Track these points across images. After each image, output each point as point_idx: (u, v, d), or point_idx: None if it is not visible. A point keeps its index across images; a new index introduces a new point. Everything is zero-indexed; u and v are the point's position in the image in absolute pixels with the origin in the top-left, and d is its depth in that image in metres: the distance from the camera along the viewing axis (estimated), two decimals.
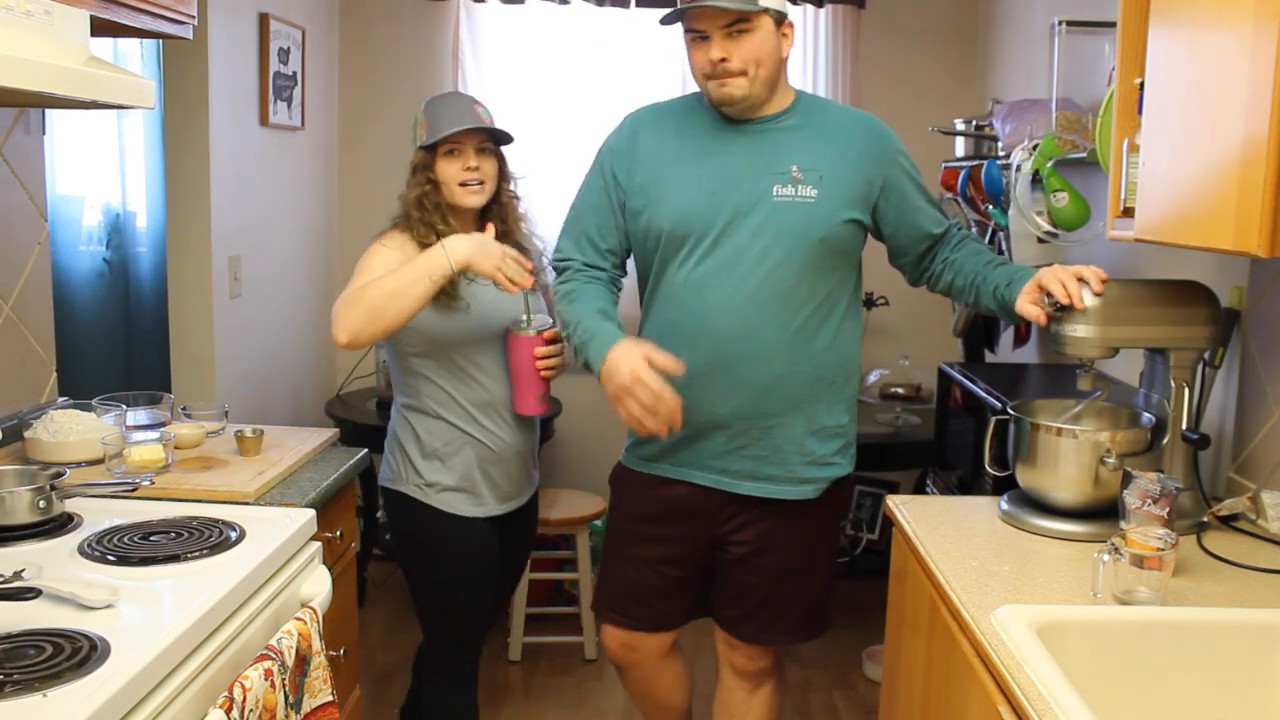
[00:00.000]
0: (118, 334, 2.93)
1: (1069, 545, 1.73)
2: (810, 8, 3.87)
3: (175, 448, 2.06)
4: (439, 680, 2.25)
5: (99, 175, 2.82)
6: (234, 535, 1.65)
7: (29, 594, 1.38)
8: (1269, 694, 1.40)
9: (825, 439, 2.03)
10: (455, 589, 2.18)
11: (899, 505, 1.93)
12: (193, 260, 3.05)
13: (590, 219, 2.06)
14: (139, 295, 3.01)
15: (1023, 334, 3.25)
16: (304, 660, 1.53)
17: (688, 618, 2.20)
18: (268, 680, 1.39)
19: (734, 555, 2.09)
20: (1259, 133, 1.33)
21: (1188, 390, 1.80)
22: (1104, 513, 1.74)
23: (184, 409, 2.30)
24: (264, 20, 3.32)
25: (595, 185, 2.07)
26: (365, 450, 2.27)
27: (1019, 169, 2.51)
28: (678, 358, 1.88)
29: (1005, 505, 1.86)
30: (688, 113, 2.05)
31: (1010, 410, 1.89)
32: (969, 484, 2.63)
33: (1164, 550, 1.46)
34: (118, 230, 2.89)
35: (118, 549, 1.58)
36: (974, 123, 3.12)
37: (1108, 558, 1.49)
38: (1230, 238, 1.39)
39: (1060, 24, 2.64)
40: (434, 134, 2.10)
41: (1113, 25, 1.86)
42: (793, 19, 1.99)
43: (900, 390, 3.63)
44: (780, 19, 1.93)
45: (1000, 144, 2.83)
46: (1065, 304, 1.76)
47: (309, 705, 1.56)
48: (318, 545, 1.81)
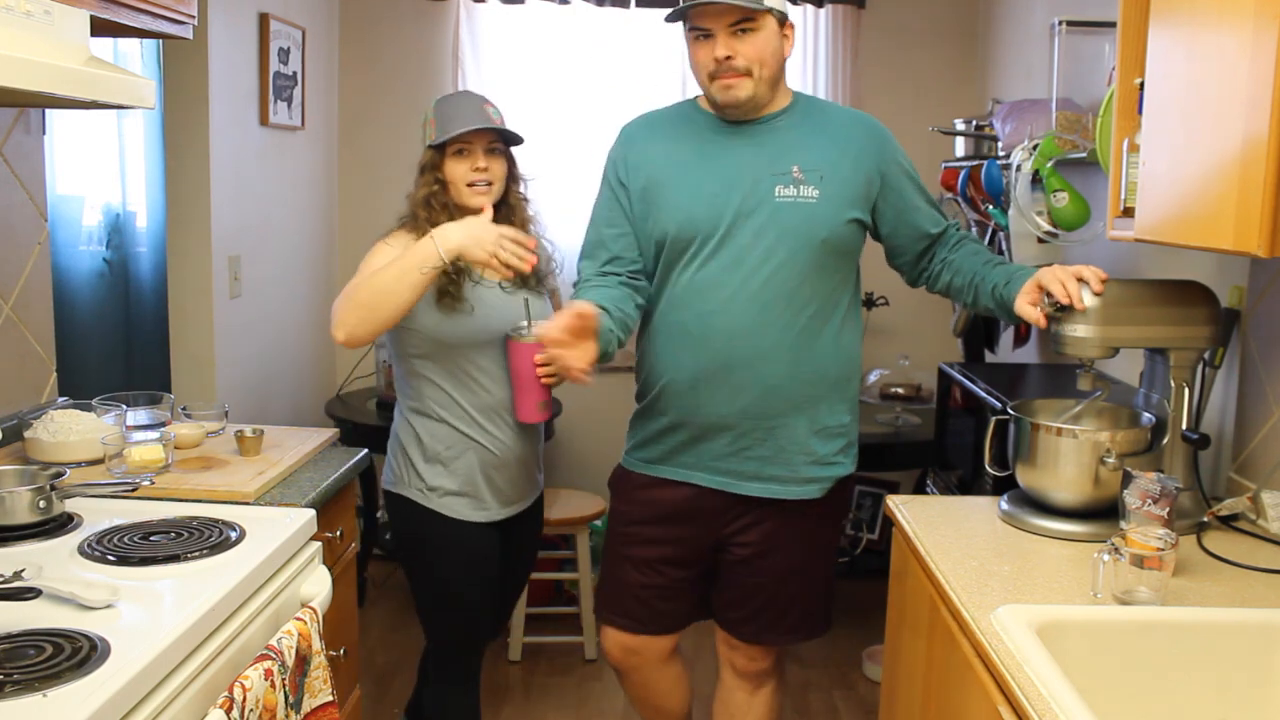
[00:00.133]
0: (118, 334, 2.93)
1: (1069, 545, 1.73)
2: (810, 8, 3.87)
3: (175, 448, 2.06)
4: (440, 682, 2.25)
5: (99, 175, 2.82)
6: (234, 535, 1.65)
7: (29, 594, 1.38)
8: (1269, 694, 1.40)
9: (828, 438, 2.03)
10: (456, 592, 2.17)
11: (899, 505, 1.93)
12: (193, 260, 3.05)
13: (605, 229, 2.06)
14: (139, 295, 3.01)
15: (1023, 334, 3.25)
16: (304, 660, 1.53)
17: (690, 620, 2.20)
18: (268, 680, 1.39)
19: (737, 557, 2.09)
20: (1259, 133, 1.33)
21: (1188, 390, 1.80)
22: (1104, 513, 1.74)
23: (184, 409, 2.30)
24: (264, 20, 3.32)
25: (605, 196, 2.08)
26: (365, 450, 2.27)
27: (1019, 169, 2.51)
28: (683, 359, 1.96)
29: (1005, 505, 1.86)
30: (682, 118, 2.06)
31: (1010, 410, 1.89)
32: (969, 484, 2.63)
33: (1164, 550, 1.46)
34: (118, 230, 2.89)
35: (118, 549, 1.58)
36: (974, 123, 3.13)
37: (1108, 558, 1.49)
38: (1230, 238, 1.39)
39: (1060, 24, 2.64)
40: (443, 133, 2.08)
41: (1113, 25, 1.86)
42: (793, 19, 1.99)
43: (900, 390, 3.63)
44: (783, 19, 1.94)
45: (1000, 144, 2.83)
46: (1065, 304, 1.76)
47: (309, 705, 1.56)
48: (318, 545, 1.81)
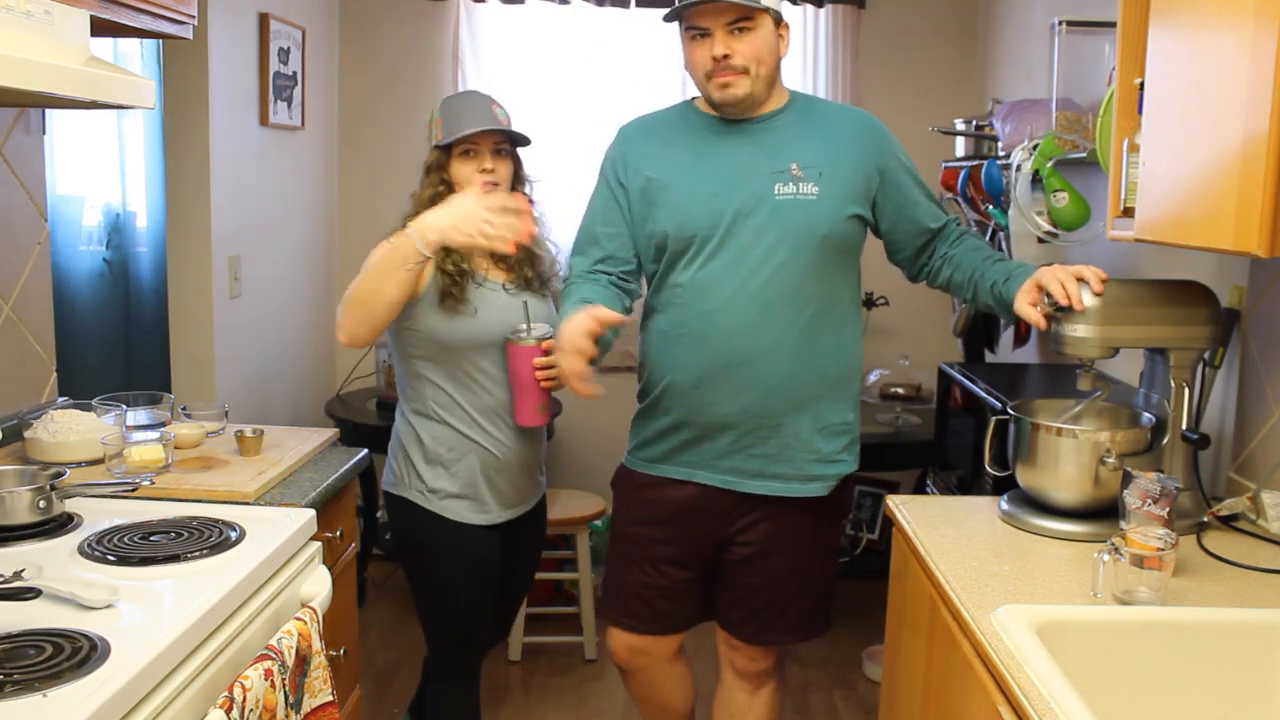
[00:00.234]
0: (118, 334, 2.92)
1: (1069, 545, 1.73)
2: (810, 8, 3.87)
3: (175, 448, 2.06)
4: (440, 682, 2.25)
5: (99, 175, 2.82)
6: (234, 535, 1.65)
7: (29, 594, 1.38)
8: (1269, 694, 1.40)
9: (832, 436, 2.03)
10: (457, 594, 2.17)
11: (899, 505, 1.93)
12: (193, 260, 3.05)
13: (600, 228, 2.06)
14: (139, 295, 3.01)
15: (1023, 334, 3.25)
16: (304, 660, 1.53)
17: (695, 620, 2.19)
18: (268, 680, 1.39)
19: (738, 556, 2.09)
20: (1259, 133, 1.33)
21: (1188, 390, 1.80)
22: (1104, 513, 1.74)
23: (184, 409, 2.30)
24: (264, 20, 3.32)
25: (602, 195, 2.08)
26: (365, 450, 2.27)
27: (1019, 169, 2.51)
28: (686, 359, 1.97)
29: (1005, 505, 1.86)
30: (679, 120, 2.06)
31: (1010, 410, 1.89)
32: (969, 484, 2.63)
33: (1164, 550, 1.46)
34: (118, 230, 2.89)
35: (118, 549, 1.58)
36: (974, 123, 3.13)
37: (1108, 558, 1.49)
38: (1230, 238, 1.39)
39: (1060, 24, 2.64)
40: (449, 133, 2.06)
41: (1113, 25, 1.86)
42: (793, 19, 2.00)
43: (900, 390, 3.63)
44: (778, 19, 1.95)
45: (1000, 144, 2.83)
46: (1064, 304, 1.76)
47: (309, 705, 1.56)
48: (318, 545, 1.81)
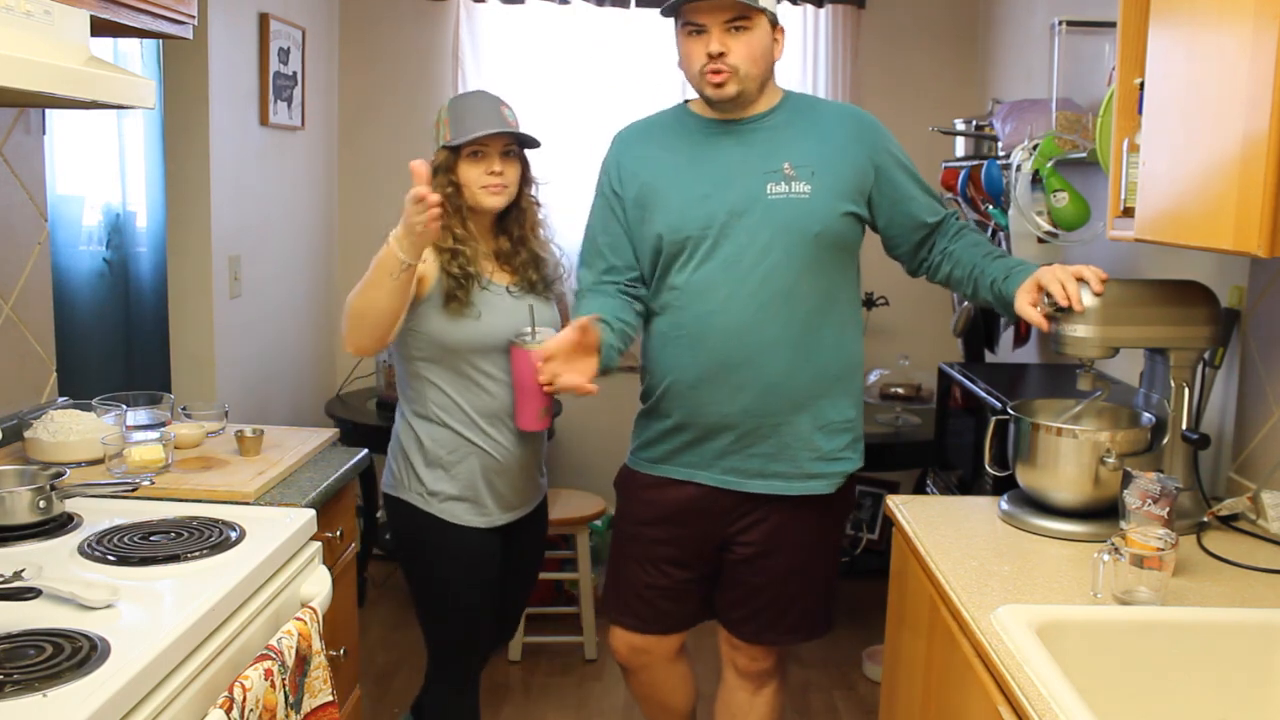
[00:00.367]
0: (118, 334, 2.93)
1: (1069, 545, 1.73)
2: (810, 8, 3.87)
3: (175, 448, 2.06)
4: (439, 683, 2.24)
5: (99, 175, 2.82)
6: (234, 535, 1.65)
7: (29, 594, 1.38)
8: (1269, 694, 1.40)
9: (833, 434, 2.03)
10: (456, 596, 2.16)
11: (899, 505, 1.93)
12: (193, 260, 3.05)
13: (601, 237, 2.09)
14: (139, 295, 3.01)
15: (1023, 334, 3.25)
16: (304, 660, 1.53)
17: (696, 620, 2.20)
18: (268, 680, 1.39)
19: (740, 556, 2.09)
20: (1259, 133, 1.33)
21: (1188, 390, 1.80)
22: (1104, 513, 1.74)
23: (184, 409, 2.30)
24: (264, 20, 3.32)
25: (600, 206, 2.11)
26: (365, 450, 2.27)
27: (1019, 169, 2.51)
28: (685, 360, 1.99)
29: (1005, 505, 1.86)
30: (673, 123, 2.08)
31: (1010, 410, 1.89)
32: (969, 484, 2.63)
33: (1164, 550, 1.46)
34: (118, 230, 2.89)
35: (118, 549, 1.58)
36: (974, 123, 3.12)
37: (1108, 558, 1.49)
38: (1230, 238, 1.39)
39: (1060, 24, 2.64)
40: (458, 135, 2.05)
41: (1113, 25, 1.86)
42: (793, 19, 2.00)
43: (900, 390, 3.63)
44: (774, 22, 1.96)
45: (1000, 144, 2.83)
46: (1064, 304, 1.76)
47: (309, 705, 1.56)
48: (318, 545, 1.81)
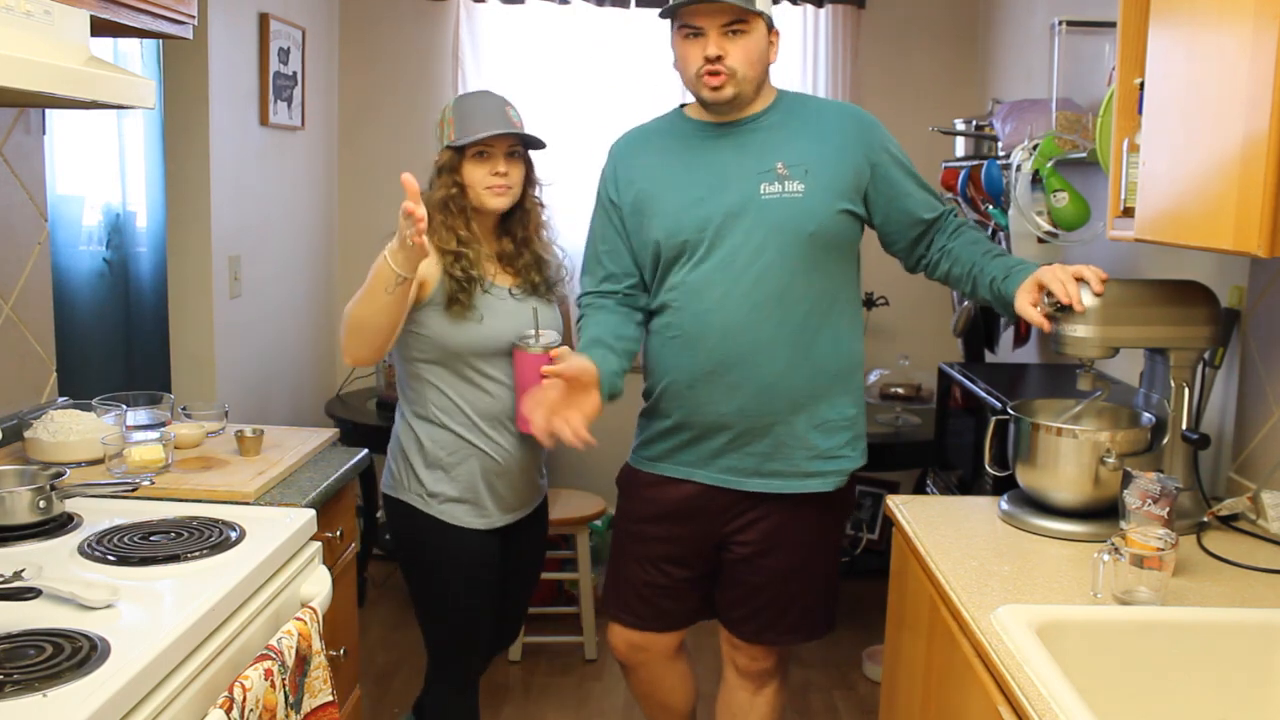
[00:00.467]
0: (118, 334, 2.93)
1: (1069, 545, 1.73)
2: (810, 8, 3.87)
3: (175, 448, 2.06)
4: (439, 683, 2.24)
5: (99, 175, 2.82)
6: (234, 535, 1.65)
7: (29, 594, 1.38)
8: (1269, 694, 1.40)
9: (830, 432, 2.03)
10: (455, 597, 2.16)
11: (899, 505, 1.93)
12: (193, 260, 3.05)
13: (601, 247, 2.12)
14: (139, 295, 3.01)
15: (1023, 334, 3.25)
16: (304, 660, 1.53)
17: (694, 618, 2.20)
18: (268, 680, 1.39)
19: (738, 555, 2.09)
20: (1259, 133, 1.33)
21: (1188, 390, 1.80)
22: (1104, 513, 1.74)
23: (184, 409, 2.30)
24: (264, 20, 3.32)
25: (599, 215, 2.14)
26: (365, 450, 2.27)
27: (1019, 169, 2.51)
28: (682, 360, 2.00)
29: (1005, 505, 1.86)
30: (669, 128, 2.09)
31: (1010, 410, 1.89)
32: (969, 484, 2.63)
33: (1164, 550, 1.46)
34: (118, 230, 2.89)
35: (118, 549, 1.58)
36: (974, 123, 3.12)
37: (1108, 558, 1.49)
38: (1230, 238, 1.39)
39: (1060, 24, 2.64)
40: (463, 135, 2.03)
41: (1113, 25, 1.86)
42: (793, 19, 2.01)
43: (900, 390, 3.63)
44: (770, 25, 1.97)
45: (1000, 144, 2.82)
46: (1065, 304, 1.76)
47: (309, 705, 1.56)
48: (318, 545, 1.81)
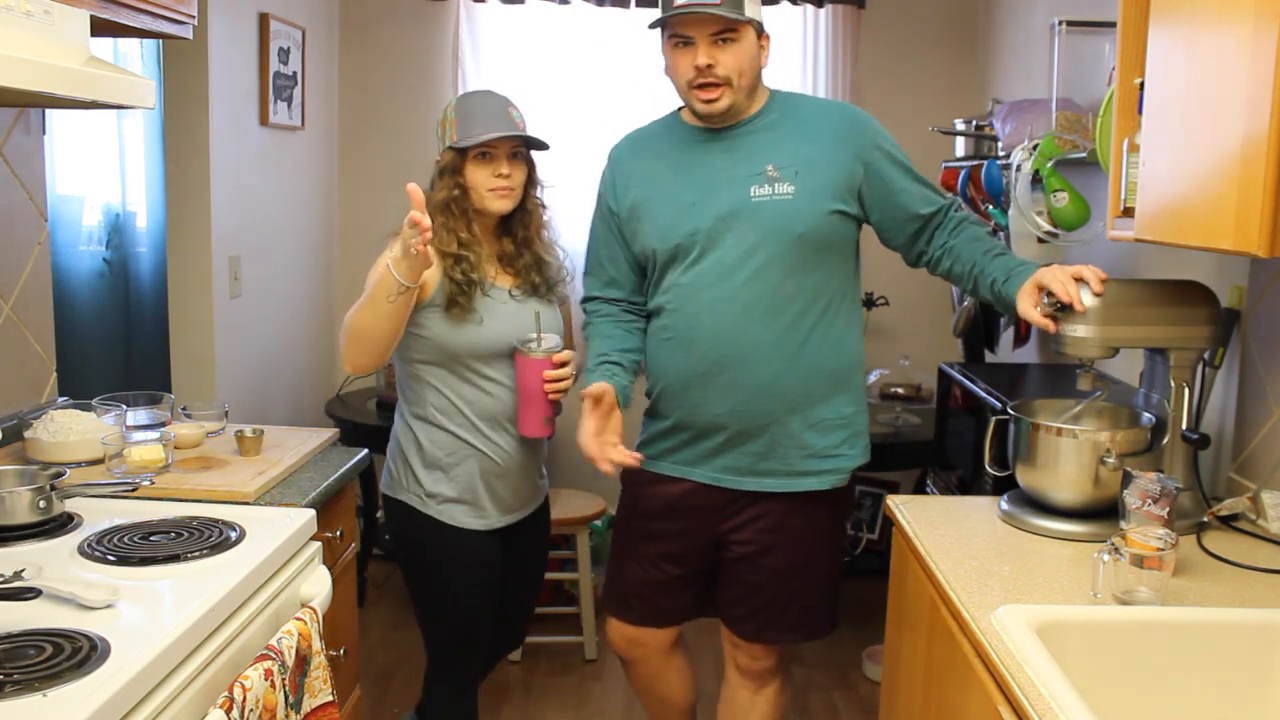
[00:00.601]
0: (118, 334, 2.93)
1: (1069, 545, 1.73)
2: (810, 8, 3.87)
3: (175, 448, 2.06)
4: (439, 684, 2.24)
5: (99, 175, 2.82)
6: (234, 535, 1.65)
7: (29, 594, 1.38)
8: (1269, 694, 1.40)
9: (826, 431, 2.03)
10: (454, 597, 2.16)
11: (899, 505, 1.93)
12: (193, 260, 3.05)
13: (602, 252, 2.16)
14: (139, 295, 3.01)
15: (1023, 334, 3.25)
16: (304, 660, 1.53)
17: (691, 615, 2.22)
18: (268, 680, 1.39)
19: (737, 554, 2.10)
20: (1259, 133, 1.33)
21: (1188, 390, 1.80)
22: (1104, 513, 1.74)
23: (184, 409, 2.30)
24: (264, 20, 3.32)
25: (598, 222, 2.17)
26: (365, 450, 2.27)
27: (1019, 169, 2.51)
28: (678, 362, 2.03)
29: (1005, 505, 1.86)
30: (664, 132, 2.11)
31: (1010, 410, 1.89)
32: (969, 484, 2.63)
33: (1164, 550, 1.46)
34: (118, 230, 2.89)
35: (118, 549, 1.58)
36: (974, 123, 3.12)
37: (1108, 558, 1.49)
38: (1230, 238, 1.39)
39: (1060, 24, 2.64)
40: (466, 136, 2.02)
41: (1113, 25, 1.86)
42: (792, 19, 2.01)
43: (900, 390, 3.64)
44: (760, 31, 1.98)
45: (1000, 144, 2.82)
46: (1065, 304, 1.76)
47: (309, 705, 1.56)
48: (318, 545, 1.81)
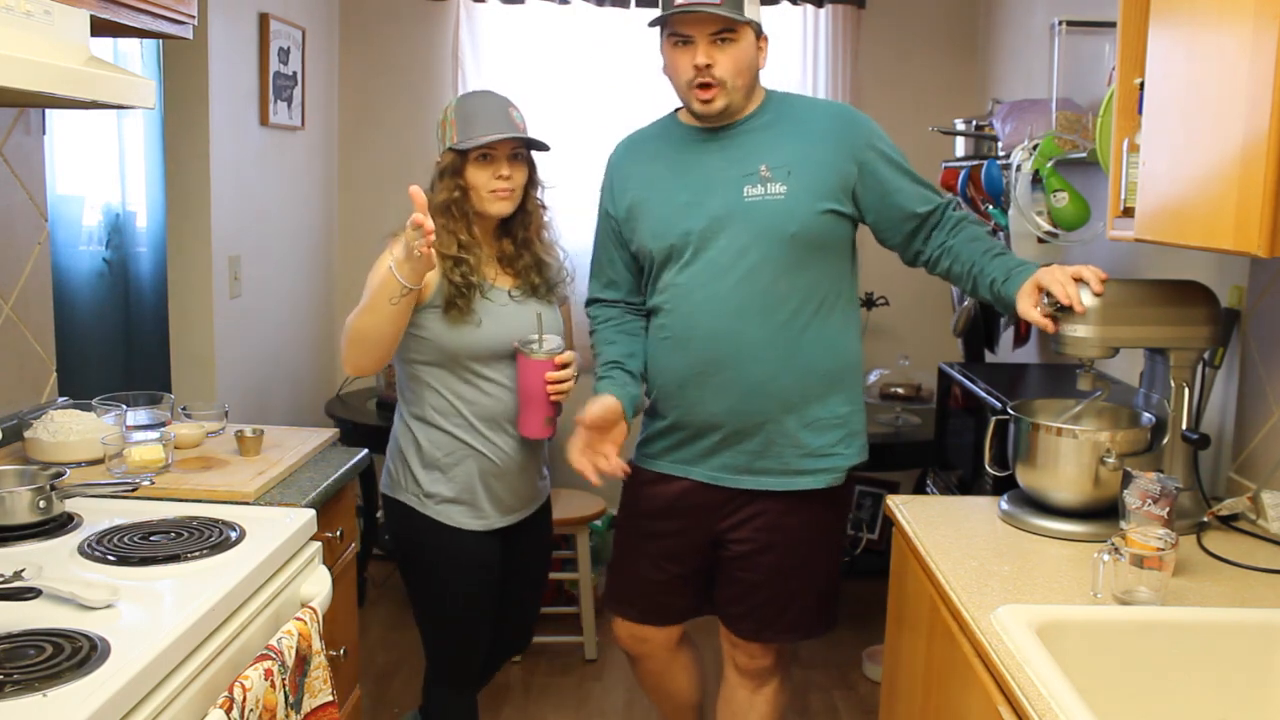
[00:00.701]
0: (118, 334, 2.93)
1: (1069, 545, 1.73)
2: (810, 8, 3.87)
3: (175, 448, 2.06)
4: (438, 684, 2.24)
5: (99, 175, 2.82)
6: (234, 535, 1.65)
7: (29, 594, 1.38)
8: (1269, 694, 1.40)
9: (821, 430, 2.04)
10: (454, 597, 2.15)
11: (899, 505, 1.93)
12: (193, 260, 3.05)
13: (603, 254, 2.18)
14: (139, 295, 3.01)
15: (1023, 334, 3.25)
16: (304, 660, 1.53)
17: (694, 613, 2.23)
18: (268, 680, 1.39)
19: (735, 553, 2.10)
20: (1259, 133, 1.33)
21: (1188, 390, 1.80)
22: (1104, 513, 1.74)
23: (184, 409, 2.30)
24: (264, 20, 3.32)
25: (599, 224, 2.19)
26: (365, 450, 2.27)
27: (1019, 169, 2.51)
28: (674, 362, 2.05)
29: (1005, 505, 1.86)
30: (662, 133, 2.12)
31: (1010, 410, 1.89)
32: (969, 484, 2.63)
33: (1164, 550, 1.46)
34: (118, 230, 2.89)
35: (118, 549, 1.58)
36: (974, 123, 3.12)
37: (1108, 558, 1.49)
38: (1230, 238, 1.39)
39: (1060, 24, 2.64)
40: (466, 137, 2.01)
41: (1113, 25, 1.86)
42: (792, 19, 2.01)
43: (900, 390, 3.63)
44: (759, 32, 1.98)
45: (1000, 144, 2.82)
46: (1065, 304, 1.76)
47: (309, 705, 1.56)
48: (318, 545, 1.81)
